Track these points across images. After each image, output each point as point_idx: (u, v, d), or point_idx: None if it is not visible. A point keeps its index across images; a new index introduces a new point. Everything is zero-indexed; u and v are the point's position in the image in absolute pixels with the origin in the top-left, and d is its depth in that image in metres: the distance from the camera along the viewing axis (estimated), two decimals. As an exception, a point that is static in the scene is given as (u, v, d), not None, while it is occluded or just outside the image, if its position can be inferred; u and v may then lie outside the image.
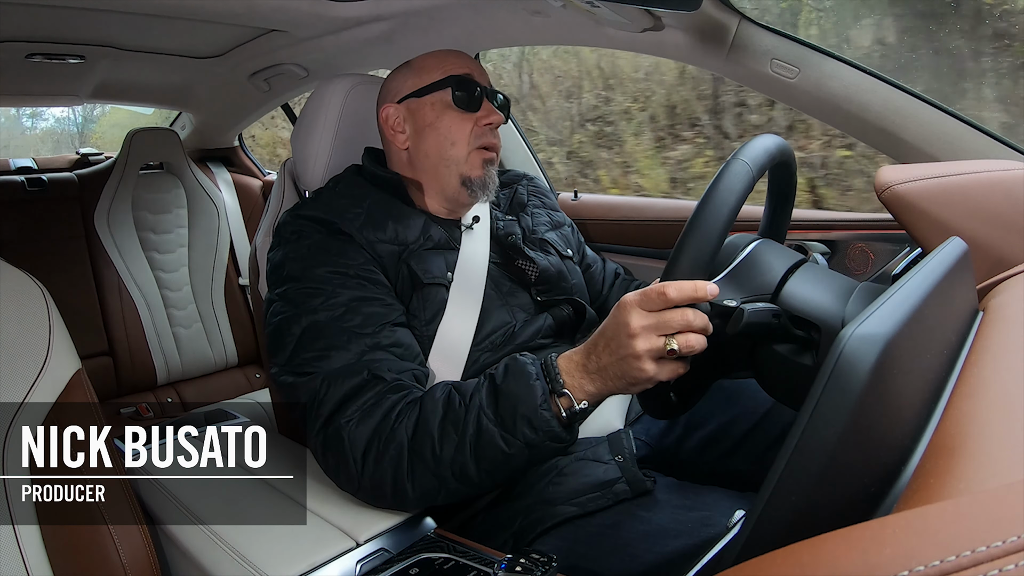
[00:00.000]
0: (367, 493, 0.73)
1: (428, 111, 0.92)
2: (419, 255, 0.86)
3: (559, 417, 0.67)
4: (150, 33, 1.49)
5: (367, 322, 0.77)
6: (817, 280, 0.69)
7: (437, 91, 0.91)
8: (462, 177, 0.91)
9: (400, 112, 0.94)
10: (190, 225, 2.10)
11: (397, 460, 0.70)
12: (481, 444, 0.68)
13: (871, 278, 1.09)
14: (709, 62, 1.11)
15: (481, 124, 0.91)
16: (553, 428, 0.66)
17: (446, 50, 0.96)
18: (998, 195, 0.77)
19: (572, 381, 0.66)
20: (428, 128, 0.91)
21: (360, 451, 0.71)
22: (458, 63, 0.93)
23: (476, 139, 0.91)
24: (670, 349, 0.60)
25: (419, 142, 0.92)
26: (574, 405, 0.66)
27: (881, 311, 0.39)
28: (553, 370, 0.67)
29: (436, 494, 0.71)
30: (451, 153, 0.90)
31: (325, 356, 0.75)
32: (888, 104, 0.98)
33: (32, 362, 0.69)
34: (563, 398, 0.66)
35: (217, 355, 2.10)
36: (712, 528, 0.70)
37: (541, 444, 0.67)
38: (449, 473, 0.69)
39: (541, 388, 0.67)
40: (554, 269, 0.95)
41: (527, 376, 0.68)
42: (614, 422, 0.90)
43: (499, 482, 0.73)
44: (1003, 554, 0.21)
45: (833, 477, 0.36)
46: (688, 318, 0.60)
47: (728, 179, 0.62)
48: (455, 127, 0.90)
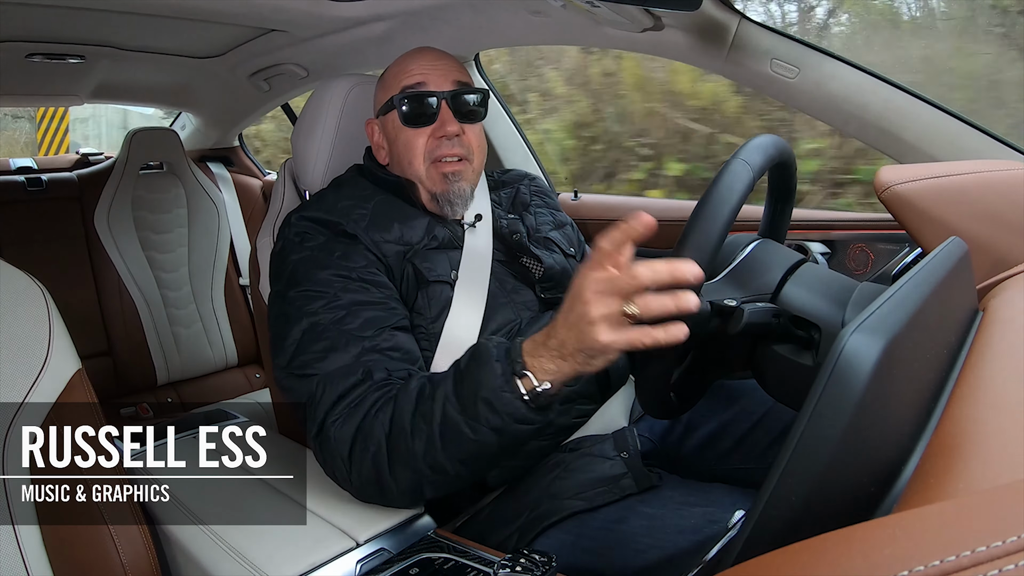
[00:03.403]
0: (359, 491, 0.73)
1: (390, 128, 0.91)
2: (423, 254, 0.86)
3: (523, 399, 0.64)
4: (150, 33, 1.49)
5: (367, 325, 0.77)
6: (817, 280, 0.69)
7: (393, 109, 0.90)
8: (429, 192, 0.90)
9: (377, 127, 0.95)
10: (190, 225, 2.09)
11: (376, 456, 0.69)
12: (448, 434, 0.66)
13: (871, 278, 1.09)
14: (709, 62, 1.11)
15: (436, 137, 0.88)
16: (517, 410, 0.64)
17: (410, 55, 0.93)
18: (998, 195, 0.77)
19: (533, 361, 0.63)
20: (393, 145, 0.92)
21: (347, 450, 0.71)
22: (413, 71, 0.90)
23: (430, 153, 0.89)
24: (628, 313, 0.56)
25: (392, 158, 0.93)
26: (537, 386, 0.63)
27: (881, 311, 0.39)
28: (516, 351, 0.65)
29: (420, 488, 0.70)
30: (411, 171, 0.90)
31: (323, 358, 0.75)
32: (888, 104, 0.98)
33: (32, 362, 0.69)
34: (524, 379, 0.63)
35: (217, 355, 2.10)
36: (716, 524, 0.70)
37: (507, 427, 0.65)
38: (425, 466, 0.68)
39: (501, 369, 0.64)
40: (559, 267, 0.96)
41: (488, 358, 0.66)
42: (618, 420, 0.90)
43: (479, 471, 0.71)
44: (1003, 554, 0.21)
45: (833, 477, 0.36)
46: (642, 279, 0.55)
47: (728, 178, 0.62)
48: (410, 144, 0.89)
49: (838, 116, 1.03)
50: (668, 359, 0.65)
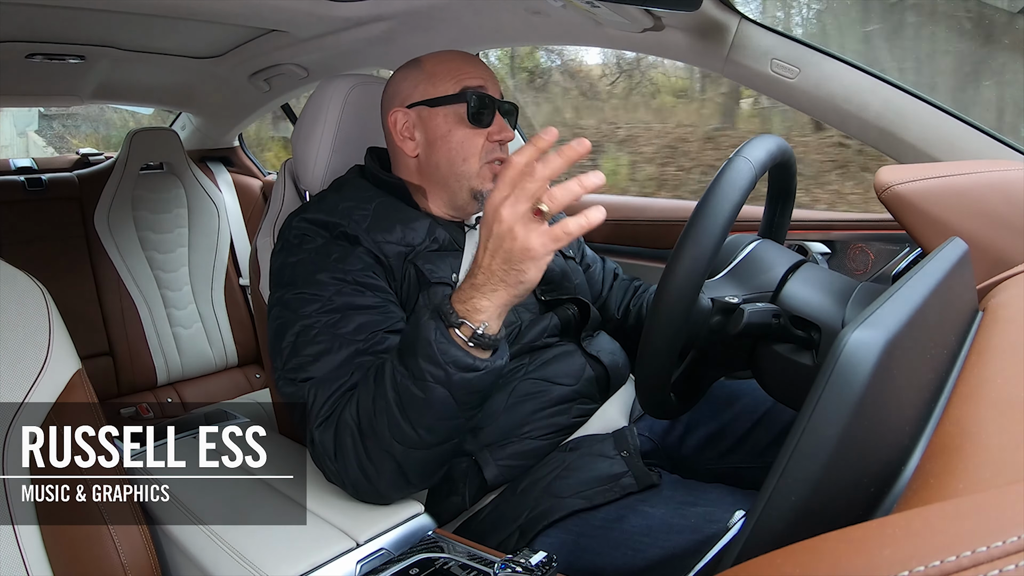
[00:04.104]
0: (354, 491, 0.73)
1: (441, 123, 0.90)
2: (425, 256, 0.86)
3: (464, 346, 0.65)
4: (150, 33, 1.49)
5: (360, 329, 0.76)
6: (817, 280, 0.69)
7: (451, 104, 0.89)
8: (473, 191, 0.90)
9: (410, 118, 0.92)
10: (190, 225, 2.10)
11: (355, 449, 0.70)
12: (403, 401, 0.67)
13: (871, 278, 1.09)
14: (709, 62, 1.11)
15: (493, 139, 0.90)
16: (456, 357, 0.64)
17: (459, 56, 0.94)
18: (998, 195, 0.77)
19: (463, 307, 0.64)
20: (440, 140, 0.90)
21: (332, 451, 0.71)
22: (474, 73, 0.91)
23: (487, 154, 0.90)
24: (537, 209, 0.58)
25: (430, 152, 0.91)
26: (475, 329, 0.64)
27: (881, 311, 0.39)
28: (444, 302, 0.65)
29: (402, 471, 0.70)
30: (462, 168, 0.90)
31: (316, 361, 0.75)
32: (888, 104, 0.98)
33: (32, 362, 0.69)
34: (462, 327, 0.64)
35: (217, 355, 2.11)
36: (716, 525, 0.70)
37: (452, 377, 0.65)
38: (395, 443, 0.68)
39: (434, 324, 0.65)
40: (558, 269, 0.96)
41: (420, 317, 0.67)
42: (618, 419, 0.90)
43: (450, 435, 0.71)
44: (1003, 554, 0.21)
45: (833, 477, 0.36)
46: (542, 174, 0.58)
47: (730, 176, 0.62)
48: (467, 142, 0.89)
49: (838, 116, 1.03)
50: (668, 359, 0.65)
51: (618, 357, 0.94)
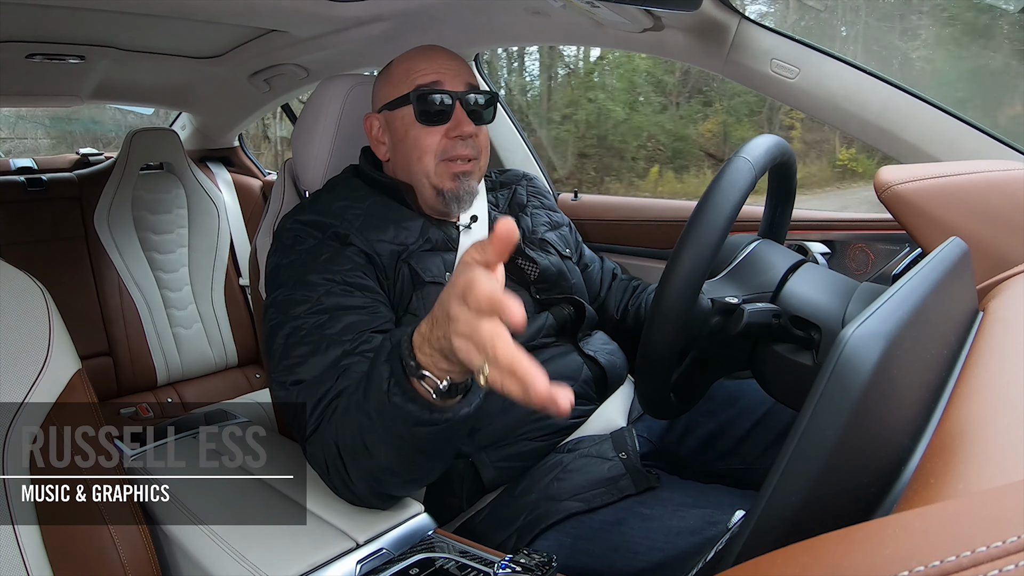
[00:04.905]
0: (351, 498, 0.72)
1: (399, 124, 0.90)
2: (418, 255, 0.86)
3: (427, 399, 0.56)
4: (150, 33, 1.49)
5: (347, 330, 0.76)
6: (817, 280, 0.69)
7: (406, 105, 0.89)
8: (435, 188, 0.90)
9: (380, 122, 0.93)
10: (190, 225, 2.10)
11: (337, 471, 0.68)
12: (370, 441, 0.63)
13: (871, 278, 1.09)
14: (709, 62, 1.11)
15: (450, 136, 0.88)
16: (412, 414, 0.56)
17: (417, 53, 0.92)
18: (998, 195, 0.77)
19: (425, 359, 0.55)
20: (399, 142, 0.91)
21: (323, 467, 0.70)
22: (427, 70, 0.89)
23: (444, 152, 0.88)
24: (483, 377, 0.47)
25: (396, 154, 0.92)
26: (438, 383, 0.55)
27: (881, 311, 0.39)
28: (405, 348, 0.56)
29: (387, 493, 0.69)
30: (419, 168, 0.89)
31: (304, 363, 0.74)
32: (888, 104, 0.98)
33: (32, 362, 0.69)
34: (425, 380, 0.55)
35: (217, 355, 2.10)
36: (715, 526, 0.70)
37: (412, 433, 0.58)
38: (376, 469, 0.65)
39: (388, 372, 0.57)
40: (554, 269, 0.95)
41: (379, 357, 0.59)
42: (617, 420, 0.90)
43: (426, 469, 0.67)
44: (1003, 554, 0.21)
45: (833, 477, 0.36)
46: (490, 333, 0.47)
47: (731, 176, 0.62)
48: (421, 141, 0.88)
49: (838, 116, 1.03)
50: (668, 359, 0.65)
51: (616, 357, 0.94)
